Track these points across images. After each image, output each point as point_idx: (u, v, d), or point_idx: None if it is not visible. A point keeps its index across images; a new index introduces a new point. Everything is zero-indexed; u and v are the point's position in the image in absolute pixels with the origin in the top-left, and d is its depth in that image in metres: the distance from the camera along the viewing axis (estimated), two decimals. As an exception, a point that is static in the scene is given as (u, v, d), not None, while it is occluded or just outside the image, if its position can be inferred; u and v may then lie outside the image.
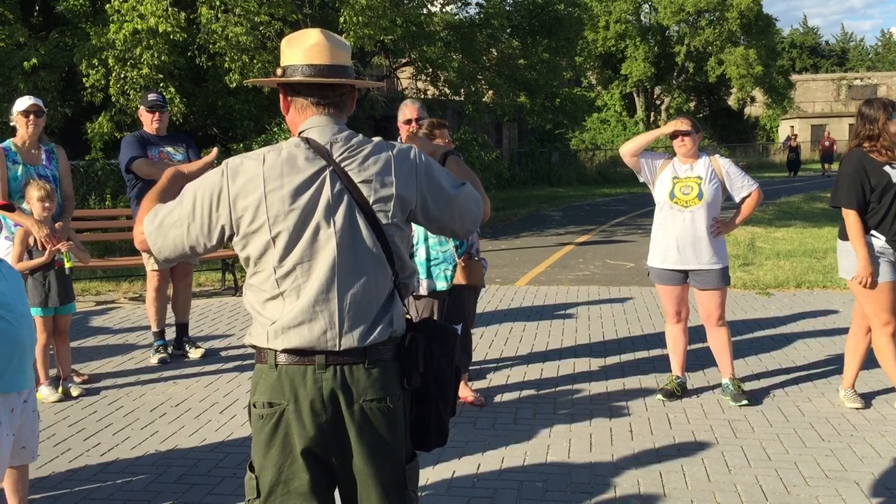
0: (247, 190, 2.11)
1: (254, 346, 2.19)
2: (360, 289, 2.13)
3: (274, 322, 2.13)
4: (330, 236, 2.11)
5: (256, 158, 2.14)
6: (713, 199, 4.90)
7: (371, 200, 2.14)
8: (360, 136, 2.22)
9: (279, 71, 2.22)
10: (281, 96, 2.26)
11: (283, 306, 2.13)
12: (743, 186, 4.97)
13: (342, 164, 2.14)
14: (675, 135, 4.94)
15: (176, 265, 6.12)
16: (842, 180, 4.74)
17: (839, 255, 4.89)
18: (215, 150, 2.70)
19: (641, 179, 5.13)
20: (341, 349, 2.11)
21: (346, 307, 2.12)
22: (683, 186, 4.91)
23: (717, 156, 5.08)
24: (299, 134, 2.20)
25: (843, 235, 4.79)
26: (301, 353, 2.11)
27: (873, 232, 4.68)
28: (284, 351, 2.12)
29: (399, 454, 2.19)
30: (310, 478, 2.14)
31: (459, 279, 4.78)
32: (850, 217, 4.68)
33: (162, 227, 2.18)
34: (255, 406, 2.17)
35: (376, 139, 2.25)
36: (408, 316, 2.28)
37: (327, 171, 2.13)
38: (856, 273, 4.70)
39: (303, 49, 2.19)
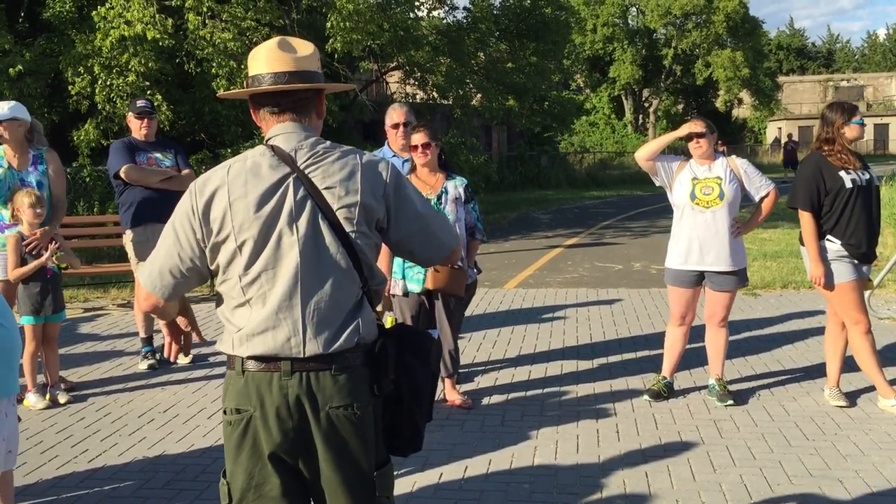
0: (214, 200, 2.12)
1: (224, 353, 2.20)
2: (324, 296, 2.12)
3: (240, 329, 2.13)
4: (293, 243, 2.11)
5: (222, 169, 2.17)
6: (734, 199, 4.92)
7: (335, 207, 2.12)
8: (328, 142, 2.22)
9: (247, 83, 2.24)
10: (251, 110, 2.28)
11: (249, 313, 2.13)
12: (761, 186, 4.99)
13: (306, 171, 2.14)
14: (689, 137, 4.95)
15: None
16: (798, 182, 4.82)
17: (804, 260, 4.96)
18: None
19: (657, 183, 5.13)
20: (306, 356, 2.10)
21: (310, 314, 2.11)
22: (704, 187, 4.92)
23: (733, 156, 5.10)
24: (266, 142, 2.21)
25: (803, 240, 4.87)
26: (266, 360, 2.11)
27: (829, 236, 4.75)
28: (250, 358, 2.12)
29: (367, 461, 2.17)
30: (280, 482, 2.14)
31: (428, 284, 4.70)
32: (805, 218, 4.76)
33: (154, 269, 2.19)
34: (224, 412, 2.18)
35: (346, 147, 2.24)
36: (379, 322, 2.27)
37: (291, 178, 2.13)
38: (809, 273, 4.78)
39: (259, 60, 2.21)
